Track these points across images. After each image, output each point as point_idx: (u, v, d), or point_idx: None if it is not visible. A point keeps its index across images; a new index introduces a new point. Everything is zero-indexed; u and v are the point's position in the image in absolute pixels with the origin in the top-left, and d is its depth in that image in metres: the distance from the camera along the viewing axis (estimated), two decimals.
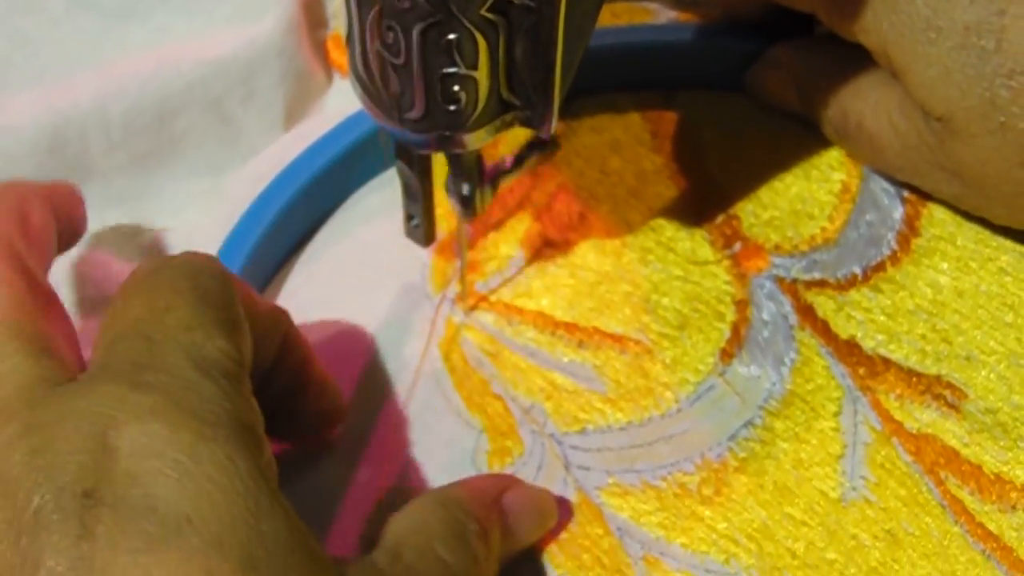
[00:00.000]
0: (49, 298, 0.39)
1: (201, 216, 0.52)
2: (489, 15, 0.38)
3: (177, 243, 0.52)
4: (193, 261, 0.38)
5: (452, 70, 0.38)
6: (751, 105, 0.53)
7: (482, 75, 0.39)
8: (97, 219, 0.51)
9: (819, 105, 0.50)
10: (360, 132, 0.51)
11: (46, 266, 0.41)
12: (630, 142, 0.53)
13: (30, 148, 0.51)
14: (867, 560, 0.42)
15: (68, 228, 0.43)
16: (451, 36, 0.38)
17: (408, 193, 0.46)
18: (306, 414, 0.44)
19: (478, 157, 0.44)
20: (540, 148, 0.46)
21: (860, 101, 0.48)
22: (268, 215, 0.49)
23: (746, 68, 0.52)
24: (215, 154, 0.54)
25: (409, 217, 0.47)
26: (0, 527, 0.32)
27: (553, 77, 0.39)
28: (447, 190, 0.45)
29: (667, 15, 0.56)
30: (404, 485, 0.44)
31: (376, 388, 0.47)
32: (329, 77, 0.57)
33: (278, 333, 0.41)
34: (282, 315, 0.42)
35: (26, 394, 0.34)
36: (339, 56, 0.57)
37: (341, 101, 0.55)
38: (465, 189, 0.44)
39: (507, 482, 0.42)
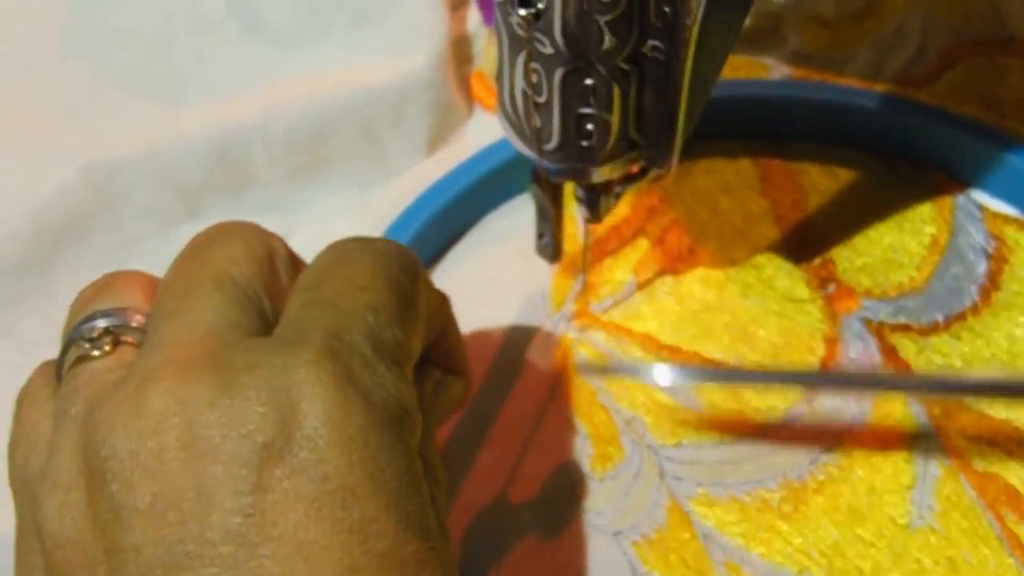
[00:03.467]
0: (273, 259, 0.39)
1: (346, 227, 0.55)
2: (624, 65, 0.41)
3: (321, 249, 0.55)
4: (391, 249, 0.39)
5: (587, 111, 0.41)
6: (854, 157, 0.56)
7: (613, 117, 0.42)
8: (256, 223, 0.56)
9: None
10: (495, 162, 0.55)
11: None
12: (740, 185, 0.56)
13: (200, 156, 0.55)
14: None
15: None
16: (588, 81, 0.41)
17: (541, 214, 0.49)
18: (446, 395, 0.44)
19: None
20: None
21: None
22: (409, 230, 0.53)
23: (851, 122, 0.56)
24: (363, 172, 0.57)
25: (540, 235, 0.50)
26: (176, 448, 0.33)
27: (676, 122, 0.42)
28: (576, 197, 0.47)
29: (781, 71, 0.59)
30: (517, 476, 0.48)
31: (496, 391, 0.50)
32: (470, 110, 0.60)
33: (440, 320, 0.43)
34: (446, 302, 0.43)
35: (222, 337, 0.35)
36: (481, 91, 0.60)
37: (480, 132, 0.59)
38: (592, 197, 0.47)
39: None
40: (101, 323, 0.38)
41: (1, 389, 0.51)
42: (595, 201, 0.47)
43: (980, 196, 0.55)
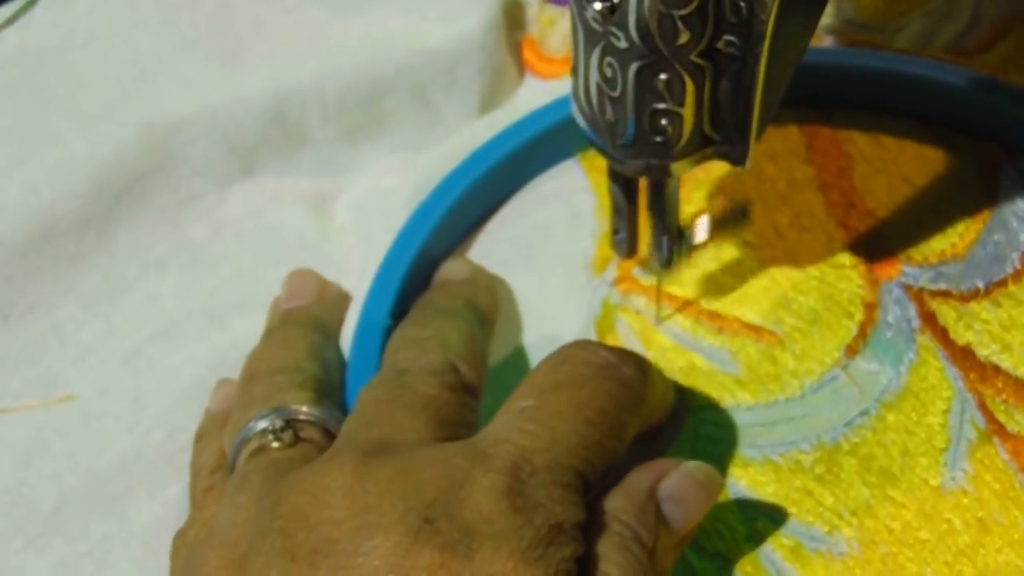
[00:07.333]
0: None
1: (397, 185, 0.57)
2: (698, 60, 0.40)
3: (375, 205, 0.57)
4: (625, 379, 0.42)
5: (661, 106, 0.41)
6: (902, 126, 0.56)
7: (688, 112, 0.42)
8: (309, 182, 0.57)
9: None
10: (544, 124, 0.55)
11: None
12: (786, 153, 0.56)
13: (256, 116, 0.57)
14: (956, 542, 0.45)
15: None
16: (662, 76, 0.41)
17: (616, 210, 0.49)
18: None
19: (676, 202, 0.48)
20: (734, 222, 0.51)
21: None
22: (457, 191, 0.54)
23: (898, 90, 0.56)
24: (415, 133, 0.59)
25: (615, 231, 0.50)
26: (345, 511, 0.36)
27: (752, 118, 0.42)
28: (651, 247, 0.48)
29: (828, 39, 0.59)
30: None
31: (533, 356, 0.51)
32: (521, 75, 0.61)
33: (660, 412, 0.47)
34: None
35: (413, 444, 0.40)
36: (531, 57, 0.61)
37: (529, 96, 0.59)
38: (665, 248, 0.48)
39: (661, 470, 0.43)
40: (278, 421, 0.43)
41: (62, 343, 0.53)
42: (669, 257, 0.48)
43: None
